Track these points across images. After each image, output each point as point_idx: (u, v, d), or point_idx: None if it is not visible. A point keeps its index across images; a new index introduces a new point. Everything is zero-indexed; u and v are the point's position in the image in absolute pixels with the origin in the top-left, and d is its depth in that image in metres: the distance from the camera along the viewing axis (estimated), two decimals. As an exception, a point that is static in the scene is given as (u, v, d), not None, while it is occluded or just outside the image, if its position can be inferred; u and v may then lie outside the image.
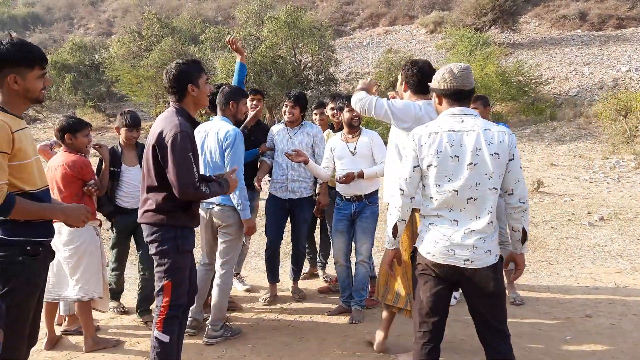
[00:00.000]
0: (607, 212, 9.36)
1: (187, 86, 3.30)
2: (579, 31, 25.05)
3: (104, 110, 24.63)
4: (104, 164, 4.60)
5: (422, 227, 3.04)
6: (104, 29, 36.59)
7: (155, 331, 3.32)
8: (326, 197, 5.25)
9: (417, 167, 2.93)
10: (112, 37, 32.13)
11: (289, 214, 5.29)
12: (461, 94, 2.92)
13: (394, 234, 3.05)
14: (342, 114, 4.96)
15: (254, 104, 5.38)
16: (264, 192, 5.58)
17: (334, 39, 22.80)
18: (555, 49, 23.60)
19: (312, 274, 6.12)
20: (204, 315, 4.59)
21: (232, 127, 4.28)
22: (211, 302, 4.38)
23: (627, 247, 7.41)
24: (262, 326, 4.73)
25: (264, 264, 5.47)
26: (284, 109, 5.25)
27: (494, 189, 2.84)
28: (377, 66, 21.48)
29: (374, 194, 4.91)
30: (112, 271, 4.92)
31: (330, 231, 5.52)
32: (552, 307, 5.14)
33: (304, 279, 5.92)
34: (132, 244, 4.97)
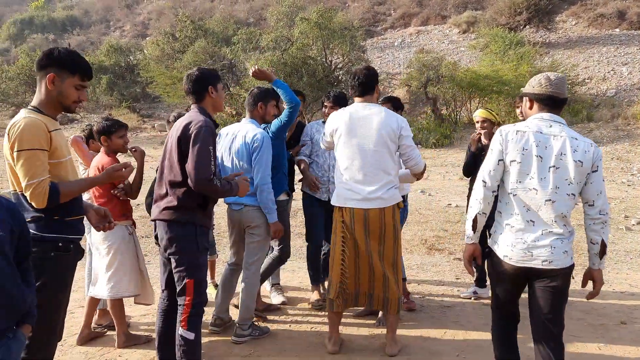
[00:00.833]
0: (645, 216, 9.13)
1: (208, 87, 3.50)
2: (617, 30, 24.42)
3: (138, 110, 25.10)
4: (136, 169, 4.64)
5: (496, 227, 3.09)
6: (139, 31, 37.25)
7: (180, 329, 3.38)
8: None
9: (501, 160, 2.99)
10: (147, 39, 32.67)
11: (326, 215, 5.05)
12: (554, 101, 2.98)
13: (474, 227, 3.08)
14: None
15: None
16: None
17: (365, 39, 22.75)
18: (592, 48, 23.07)
19: None
20: (229, 314, 4.63)
21: (260, 130, 4.29)
22: (239, 302, 4.41)
23: (666, 252, 7.21)
24: (290, 326, 4.75)
25: (294, 265, 5.47)
26: (324, 110, 5.15)
27: (572, 194, 2.88)
28: (409, 66, 21.34)
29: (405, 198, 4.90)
30: None
31: None
32: (586, 313, 5.02)
33: None
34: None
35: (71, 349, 4.24)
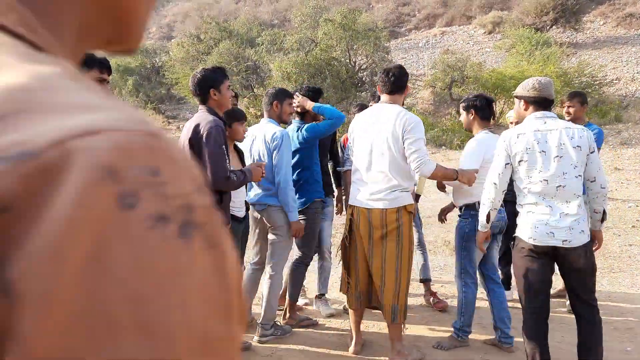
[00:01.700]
0: (675, 219, 8.93)
1: (209, 90, 3.57)
2: (647, 30, 23.98)
3: (163, 112, 25.40)
4: None
5: (520, 216, 3.49)
6: (164, 33, 37.70)
7: None
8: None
9: (509, 164, 3.44)
10: (172, 41, 33.03)
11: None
12: (545, 102, 3.44)
13: (487, 220, 3.62)
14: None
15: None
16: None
17: (389, 40, 22.69)
18: (621, 48, 22.66)
19: None
20: (252, 314, 4.66)
21: (279, 128, 4.31)
22: (263, 302, 4.42)
23: (696, 256, 7.05)
24: (313, 327, 4.75)
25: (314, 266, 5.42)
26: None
27: (579, 176, 3.34)
28: (433, 68, 21.23)
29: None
30: None
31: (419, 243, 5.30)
32: (613, 316, 4.92)
33: None
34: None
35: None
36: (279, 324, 4.57)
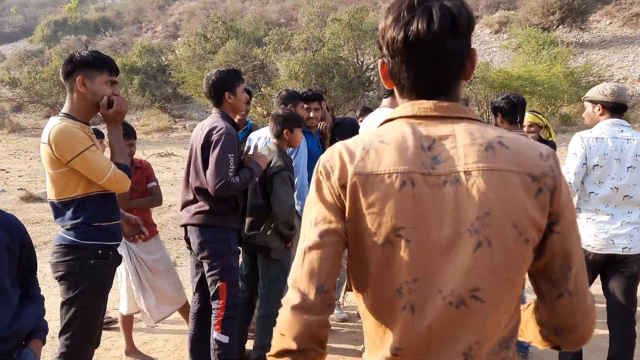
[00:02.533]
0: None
1: (224, 93, 3.45)
2: (654, 30, 23.98)
3: (170, 111, 25.46)
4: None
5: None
6: (170, 32, 37.77)
7: (214, 333, 3.38)
8: None
9: (585, 164, 3.37)
10: (178, 39, 33.10)
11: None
12: (621, 107, 3.43)
13: None
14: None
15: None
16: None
17: (397, 40, 22.64)
18: (627, 48, 22.68)
19: None
20: None
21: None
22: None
23: None
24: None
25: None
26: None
27: None
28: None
29: None
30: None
31: None
32: None
33: None
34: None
35: None
36: None
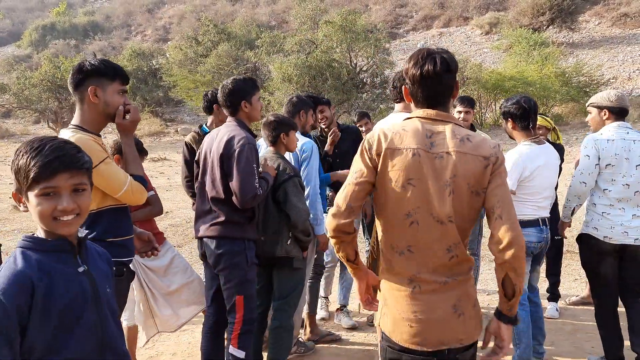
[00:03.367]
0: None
1: (241, 102, 3.39)
2: (642, 29, 24.18)
3: (161, 115, 25.31)
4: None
5: (592, 215, 3.79)
6: (160, 35, 37.60)
7: (230, 347, 3.29)
8: None
9: (597, 165, 3.70)
10: (169, 43, 32.96)
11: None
12: (625, 112, 3.80)
13: (572, 213, 3.94)
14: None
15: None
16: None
17: (389, 41, 22.75)
18: (616, 48, 22.85)
19: None
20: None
21: (307, 139, 4.13)
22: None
23: None
24: (337, 343, 4.58)
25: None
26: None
27: None
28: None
29: None
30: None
31: None
32: None
33: None
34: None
35: None
36: (302, 340, 4.39)
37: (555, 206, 4.47)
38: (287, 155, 3.94)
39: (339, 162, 4.82)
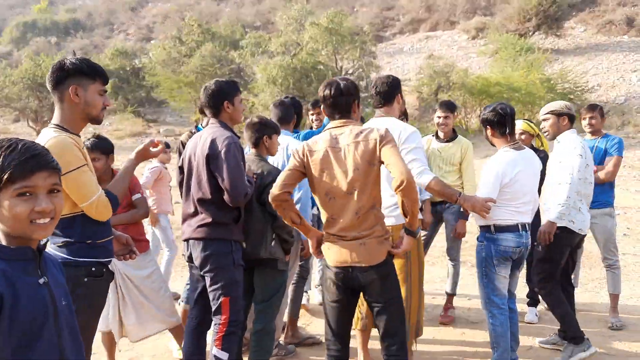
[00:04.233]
0: (667, 227, 8.96)
1: (224, 103, 3.44)
2: (626, 37, 24.33)
3: (143, 115, 24.94)
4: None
5: (571, 210, 4.06)
6: (143, 34, 37.19)
7: (213, 349, 3.29)
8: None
9: (587, 165, 4.14)
10: (152, 42, 32.62)
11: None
12: (575, 119, 4.32)
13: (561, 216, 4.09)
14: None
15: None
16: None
17: (375, 44, 22.68)
18: (601, 55, 22.96)
19: None
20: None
21: (299, 142, 4.06)
22: None
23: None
24: (317, 346, 4.53)
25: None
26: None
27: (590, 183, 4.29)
28: (419, 73, 21.21)
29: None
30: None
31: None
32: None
33: None
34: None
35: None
36: (282, 343, 4.40)
37: (537, 213, 4.55)
38: (280, 157, 4.05)
39: None
